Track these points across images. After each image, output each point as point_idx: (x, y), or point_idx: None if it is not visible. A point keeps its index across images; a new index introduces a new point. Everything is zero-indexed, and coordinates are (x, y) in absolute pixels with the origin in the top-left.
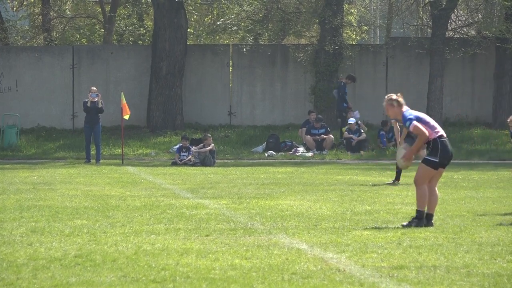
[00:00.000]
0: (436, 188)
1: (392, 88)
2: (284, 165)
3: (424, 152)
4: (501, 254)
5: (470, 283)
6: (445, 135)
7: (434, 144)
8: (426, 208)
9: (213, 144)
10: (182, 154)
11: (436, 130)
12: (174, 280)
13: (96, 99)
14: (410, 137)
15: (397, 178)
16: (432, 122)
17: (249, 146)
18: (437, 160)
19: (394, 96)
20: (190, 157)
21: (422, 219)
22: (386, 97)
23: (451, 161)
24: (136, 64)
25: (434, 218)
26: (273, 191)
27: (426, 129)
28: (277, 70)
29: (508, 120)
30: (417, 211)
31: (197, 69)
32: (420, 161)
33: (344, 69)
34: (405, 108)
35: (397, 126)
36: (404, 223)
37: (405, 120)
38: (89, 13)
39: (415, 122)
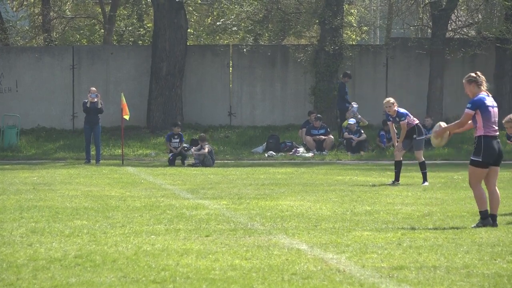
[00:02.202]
0: (496, 188)
1: (392, 89)
2: (284, 165)
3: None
4: (501, 254)
5: (470, 283)
6: (492, 134)
7: (478, 143)
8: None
9: (208, 146)
10: (173, 141)
11: (489, 129)
12: (174, 280)
13: (95, 100)
14: (409, 138)
15: (397, 178)
16: (493, 119)
17: (249, 147)
18: (480, 160)
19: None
20: (182, 145)
21: (487, 218)
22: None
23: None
24: (136, 65)
25: (498, 218)
26: (273, 191)
27: (479, 122)
28: (277, 70)
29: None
30: (480, 212)
31: (197, 70)
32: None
33: (344, 69)
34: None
35: (393, 127)
36: (473, 225)
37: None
38: (89, 14)
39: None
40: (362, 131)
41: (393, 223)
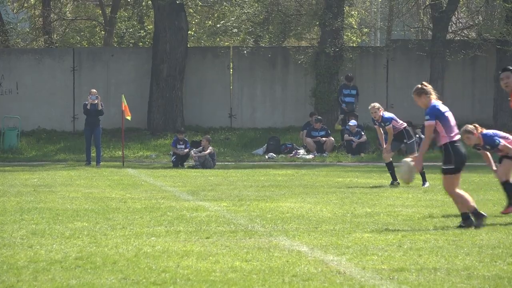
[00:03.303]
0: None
1: (392, 90)
2: (285, 167)
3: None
4: (501, 256)
5: (470, 285)
6: (456, 138)
7: (446, 151)
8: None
9: (211, 147)
10: (178, 146)
11: (452, 134)
12: (174, 282)
13: (96, 101)
14: (397, 140)
15: (394, 178)
16: (452, 123)
17: (250, 149)
18: (453, 167)
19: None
20: (187, 150)
21: (469, 219)
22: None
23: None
24: (137, 67)
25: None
26: (273, 193)
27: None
28: (277, 72)
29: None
30: (462, 214)
31: (197, 72)
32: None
33: (345, 71)
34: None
35: (380, 130)
36: (458, 225)
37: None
38: (90, 16)
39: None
40: (363, 133)
41: (393, 225)
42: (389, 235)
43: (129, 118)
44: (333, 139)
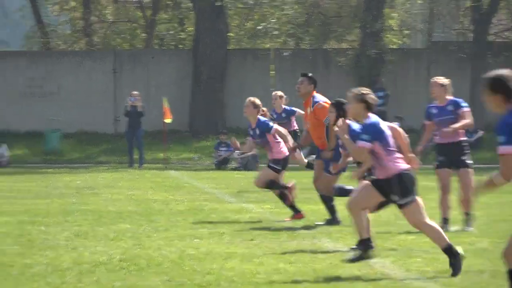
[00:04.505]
0: None
1: None
2: None
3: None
4: None
5: None
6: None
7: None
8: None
9: (255, 149)
10: (221, 149)
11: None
12: (218, 284)
13: (136, 103)
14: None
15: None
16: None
17: None
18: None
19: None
20: (230, 152)
21: None
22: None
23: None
24: (177, 69)
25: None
26: (316, 195)
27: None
28: (318, 74)
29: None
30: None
31: (238, 74)
32: None
33: (386, 73)
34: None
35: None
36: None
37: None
38: (130, 18)
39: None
40: None
41: None
42: None
43: (167, 121)
44: None
